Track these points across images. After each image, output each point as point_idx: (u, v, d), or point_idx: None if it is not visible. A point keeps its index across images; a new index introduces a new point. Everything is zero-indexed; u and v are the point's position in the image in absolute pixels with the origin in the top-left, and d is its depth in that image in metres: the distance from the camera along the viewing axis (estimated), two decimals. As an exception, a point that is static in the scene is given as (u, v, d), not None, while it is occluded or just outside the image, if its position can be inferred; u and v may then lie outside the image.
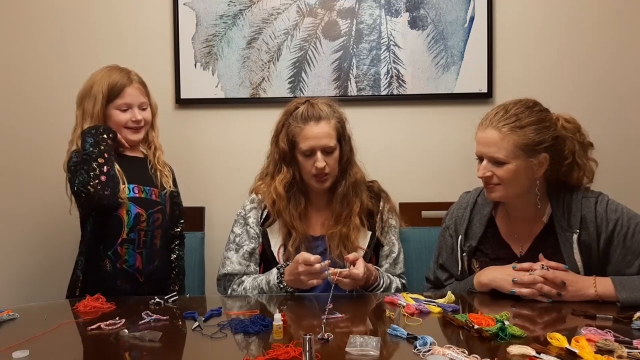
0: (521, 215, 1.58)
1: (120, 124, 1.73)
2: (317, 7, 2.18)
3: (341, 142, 1.71)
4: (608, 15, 2.16)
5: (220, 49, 2.20)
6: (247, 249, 1.71)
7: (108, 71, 1.74)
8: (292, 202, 1.70)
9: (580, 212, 1.51)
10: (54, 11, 2.22)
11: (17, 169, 2.26)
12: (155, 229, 1.74)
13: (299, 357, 1.07)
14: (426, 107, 2.21)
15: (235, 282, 1.70)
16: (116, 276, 1.68)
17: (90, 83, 1.73)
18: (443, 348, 1.09)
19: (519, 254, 1.57)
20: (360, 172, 1.76)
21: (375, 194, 1.78)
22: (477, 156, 1.55)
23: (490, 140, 1.48)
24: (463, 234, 1.61)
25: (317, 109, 1.67)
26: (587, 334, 1.16)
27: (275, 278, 1.59)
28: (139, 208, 1.70)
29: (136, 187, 1.72)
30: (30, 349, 1.11)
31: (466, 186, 1.76)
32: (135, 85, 1.74)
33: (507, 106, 1.51)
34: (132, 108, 1.73)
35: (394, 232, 1.78)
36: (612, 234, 1.48)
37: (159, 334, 1.23)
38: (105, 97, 1.70)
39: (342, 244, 1.67)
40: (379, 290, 1.63)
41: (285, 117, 1.72)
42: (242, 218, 1.76)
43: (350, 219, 1.69)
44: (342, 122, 1.72)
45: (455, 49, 2.17)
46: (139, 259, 1.70)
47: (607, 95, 2.17)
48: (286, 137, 1.69)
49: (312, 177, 1.68)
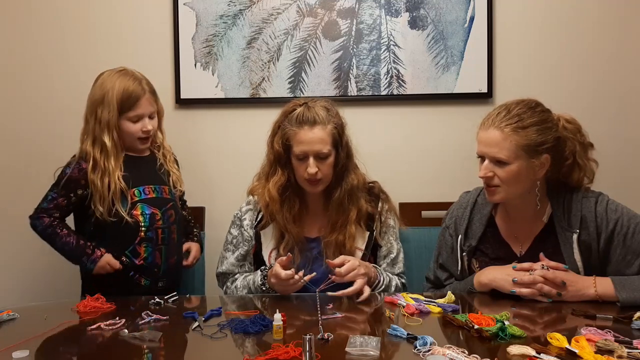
0: (521, 215, 1.58)
1: (132, 135, 1.73)
2: (317, 7, 2.18)
3: (337, 148, 1.67)
4: (608, 15, 2.15)
5: (220, 49, 2.20)
6: (241, 252, 1.74)
7: (121, 78, 1.71)
8: (286, 204, 1.68)
9: (580, 212, 1.51)
10: (54, 11, 2.22)
11: (17, 169, 2.26)
12: (171, 224, 1.77)
13: (299, 357, 1.08)
14: (426, 107, 2.21)
15: (229, 280, 1.74)
16: (135, 272, 1.72)
17: (103, 90, 1.70)
18: (443, 348, 1.09)
19: (519, 254, 1.57)
20: (358, 177, 1.71)
21: (375, 196, 1.76)
22: (478, 156, 1.54)
23: (493, 141, 1.47)
24: (463, 234, 1.61)
25: (313, 112, 1.63)
26: (587, 334, 1.16)
27: (259, 280, 1.62)
28: (152, 208, 1.73)
29: (147, 187, 1.75)
30: (30, 349, 1.12)
31: (466, 186, 1.76)
32: (147, 96, 1.73)
33: (509, 106, 1.50)
34: (143, 119, 1.73)
35: (392, 233, 1.77)
36: (612, 234, 1.48)
37: (159, 334, 1.23)
38: (119, 108, 1.69)
39: (339, 251, 1.65)
40: (380, 288, 1.62)
41: (282, 118, 1.69)
42: (238, 219, 1.76)
43: (345, 227, 1.67)
44: (340, 127, 1.68)
45: (455, 49, 2.17)
46: (158, 255, 1.74)
47: (607, 95, 2.17)
48: (281, 140, 1.66)
49: (304, 181, 1.66)
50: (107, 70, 1.75)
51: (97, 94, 1.71)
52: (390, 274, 1.72)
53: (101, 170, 1.68)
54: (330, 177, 1.68)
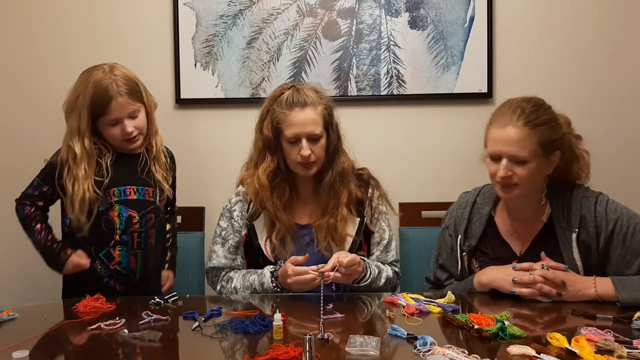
0: (522, 214, 1.58)
1: (115, 138, 1.67)
2: (317, 7, 2.18)
3: (328, 130, 1.65)
4: (608, 15, 2.16)
5: (220, 49, 2.20)
6: (232, 243, 1.70)
7: (89, 82, 1.62)
8: (276, 192, 1.65)
9: (579, 211, 1.51)
10: (54, 11, 2.22)
11: (17, 169, 2.25)
12: (149, 229, 1.70)
13: (299, 357, 1.07)
14: (426, 107, 2.21)
15: (223, 279, 1.69)
16: (109, 277, 1.67)
17: (74, 95, 1.64)
18: (443, 348, 1.09)
19: (519, 253, 1.57)
20: (348, 160, 1.70)
21: (364, 182, 1.74)
22: (491, 156, 1.51)
23: (513, 139, 1.45)
24: (462, 234, 1.61)
25: (302, 94, 1.62)
26: (587, 334, 1.16)
27: (269, 282, 1.58)
28: (130, 210, 1.66)
29: (129, 188, 1.68)
30: (30, 349, 1.11)
31: (466, 186, 1.76)
32: (119, 98, 1.62)
33: (521, 104, 1.49)
34: (121, 121, 1.64)
35: (384, 219, 1.74)
36: (612, 234, 1.48)
37: (159, 334, 1.23)
38: (90, 115, 1.63)
39: (330, 235, 1.63)
40: (366, 281, 1.58)
41: (270, 103, 1.66)
42: (228, 211, 1.73)
43: (337, 209, 1.65)
44: (330, 108, 1.66)
45: (455, 49, 2.17)
46: (133, 260, 1.68)
47: (607, 95, 2.17)
48: (270, 124, 1.63)
49: (297, 165, 1.63)
50: (85, 70, 1.68)
51: (69, 100, 1.66)
52: (382, 264, 1.69)
53: (73, 175, 1.62)
54: (323, 160, 1.66)
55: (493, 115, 1.53)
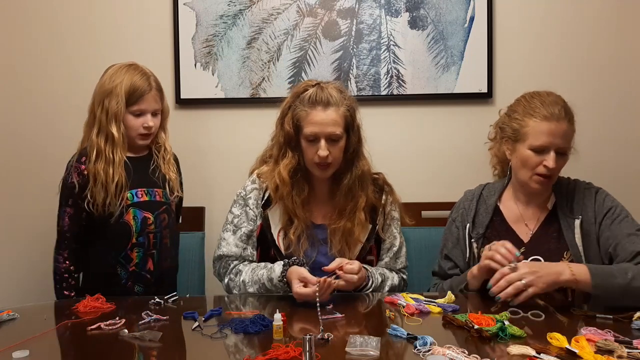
0: (533, 200, 1.62)
1: (132, 129, 1.71)
2: (317, 7, 2.18)
3: (349, 132, 1.62)
4: (608, 15, 2.16)
5: (220, 49, 2.20)
6: (244, 231, 1.66)
7: (130, 72, 1.70)
8: (296, 188, 1.62)
9: (582, 200, 1.57)
10: (54, 11, 2.22)
11: (17, 169, 2.26)
12: (163, 229, 1.73)
13: (299, 357, 1.07)
14: (426, 107, 2.21)
15: (231, 271, 1.64)
16: (128, 279, 1.69)
17: (112, 83, 1.68)
18: (443, 348, 1.09)
19: (525, 239, 1.59)
20: (367, 164, 1.67)
21: (379, 188, 1.71)
22: (538, 148, 1.52)
23: (563, 132, 1.51)
24: (471, 222, 1.64)
25: (326, 93, 1.58)
26: (587, 334, 1.16)
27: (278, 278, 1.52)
28: (144, 212, 1.70)
29: (140, 190, 1.71)
30: (30, 349, 1.11)
31: (466, 186, 1.76)
32: (153, 93, 1.71)
33: (556, 98, 1.55)
34: (145, 114, 1.71)
35: (396, 225, 1.73)
36: (604, 218, 1.54)
37: (159, 334, 1.23)
38: (125, 101, 1.68)
39: (345, 240, 1.61)
40: (367, 289, 1.58)
41: (292, 98, 1.63)
42: (242, 199, 1.69)
43: (355, 213, 1.62)
44: (353, 110, 1.62)
45: (455, 49, 2.17)
46: (150, 262, 1.71)
47: (607, 95, 2.17)
48: (292, 120, 1.60)
49: (314, 165, 1.61)
50: (117, 64, 1.74)
51: (106, 85, 1.69)
52: (389, 271, 1.68)
53: (105, 159, 1.66)
54: (340, 162, 1.62)
55: (525, 108, 1.55)
